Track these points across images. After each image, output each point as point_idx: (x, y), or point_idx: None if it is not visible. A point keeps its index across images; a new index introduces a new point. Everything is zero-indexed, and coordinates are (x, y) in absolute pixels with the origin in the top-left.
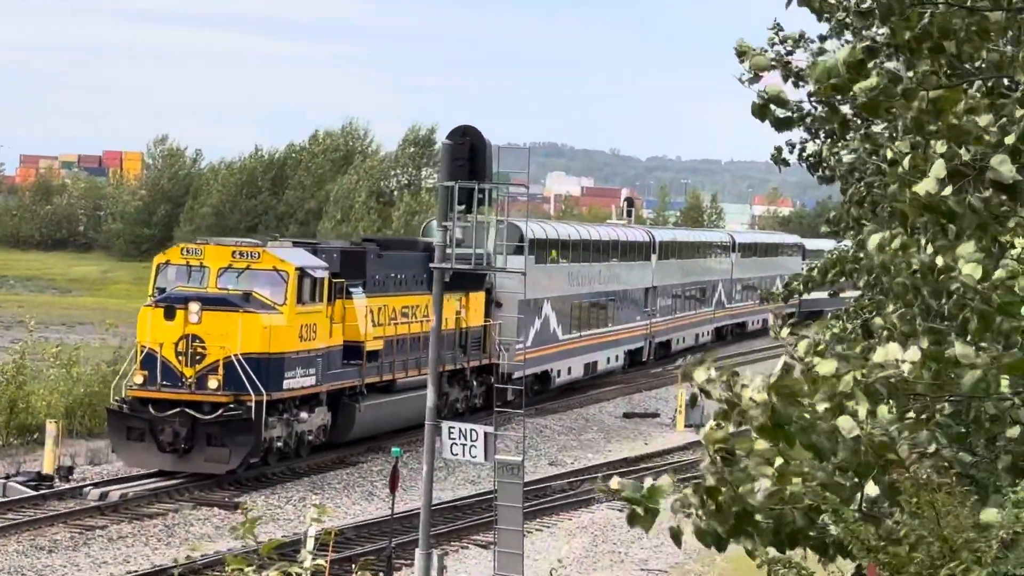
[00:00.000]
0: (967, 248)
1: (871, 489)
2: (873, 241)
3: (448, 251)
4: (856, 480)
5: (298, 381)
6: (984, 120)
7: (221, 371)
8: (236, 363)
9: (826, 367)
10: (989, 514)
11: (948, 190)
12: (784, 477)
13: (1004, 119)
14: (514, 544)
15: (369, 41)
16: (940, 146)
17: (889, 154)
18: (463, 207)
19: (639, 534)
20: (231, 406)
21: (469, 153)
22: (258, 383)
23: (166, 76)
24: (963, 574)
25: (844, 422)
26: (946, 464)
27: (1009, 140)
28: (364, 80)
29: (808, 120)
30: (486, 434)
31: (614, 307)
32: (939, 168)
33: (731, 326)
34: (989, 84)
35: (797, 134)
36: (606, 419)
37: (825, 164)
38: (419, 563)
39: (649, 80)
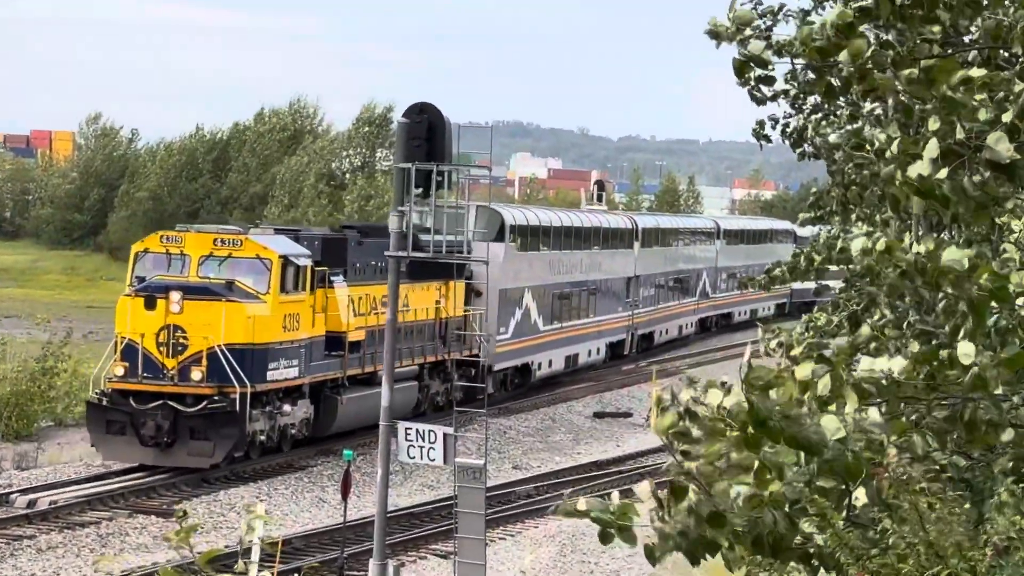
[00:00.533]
0: (952, 251)
1: (860, 495)
2: (856, 246)
3: (417, 238)
4: (844, 485)
5: (281, 373)
6: (980, 95)
7: (204, 362)
8: (220, 354)
9: (802, 371)
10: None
11: (943, 172)
12: (763, 481)
13: (1001, 93)
14: (476, 554)
15: (320, 12)
16: (933, 123)
17: (876, 143)
18: (420, 191)
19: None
20: (215, 398)
21: (427, 132)
22: (242, 375)
23: (99, 49)
24: None
25: (828, 422)
26: (937, 468)
27: (1007, 117)
28: (315, 55)
29: (791, 93)
30: (445, 435)
31: (596, 297)
32: (932, 148)
33: (716, 317)
34: (985, 55)
35: (780, 108)
36: (575, 419)
37: (809, 141)
38: (373, 574)
39: (621, 54)
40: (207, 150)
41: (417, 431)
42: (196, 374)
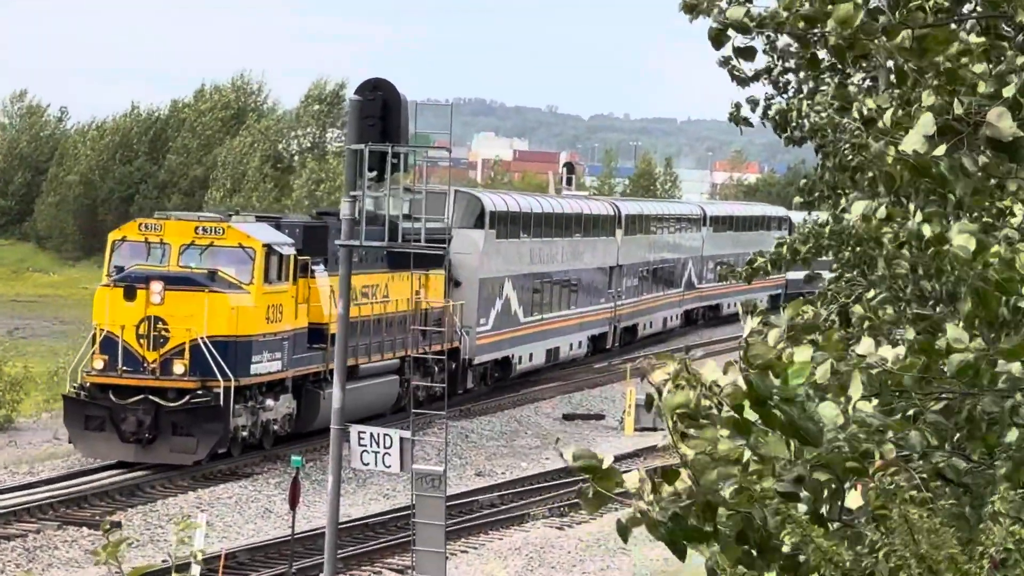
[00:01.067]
0: (961, 225)
1: (852, 500)
2: (856, 209)
3: (395, 225)
4: (835, 484)
5: (265, 366)
6: (979, 68)
7: (187, 355)
8: (203, 346)
9: (802, 354)
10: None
11: (940, 149)
12: (754, 474)
13: (1002, 66)
14: (435, 568)
15: None
16: (927, 97)
17: (865, 111)
18: (374, 174)
19: (581, 556)
20: (198, 392)
21: (381, 111)
22: (225, 368)
23: (24, 21)
24: None
25: (827, 409)
26: (932, 471)
27: (1008, 92)
28: (263, 28)
29: (774, 72)
30: (402, 440)
31: (578, 288)
32: (927, 123)
33: (702, 309)
34: (983, 25)
35: (761, 89)
36: (542, 422)
37: (794, 124)
38: None
39: (593, 26)
40: (143, 130)
41: (371, 435)
42: (179, 367)
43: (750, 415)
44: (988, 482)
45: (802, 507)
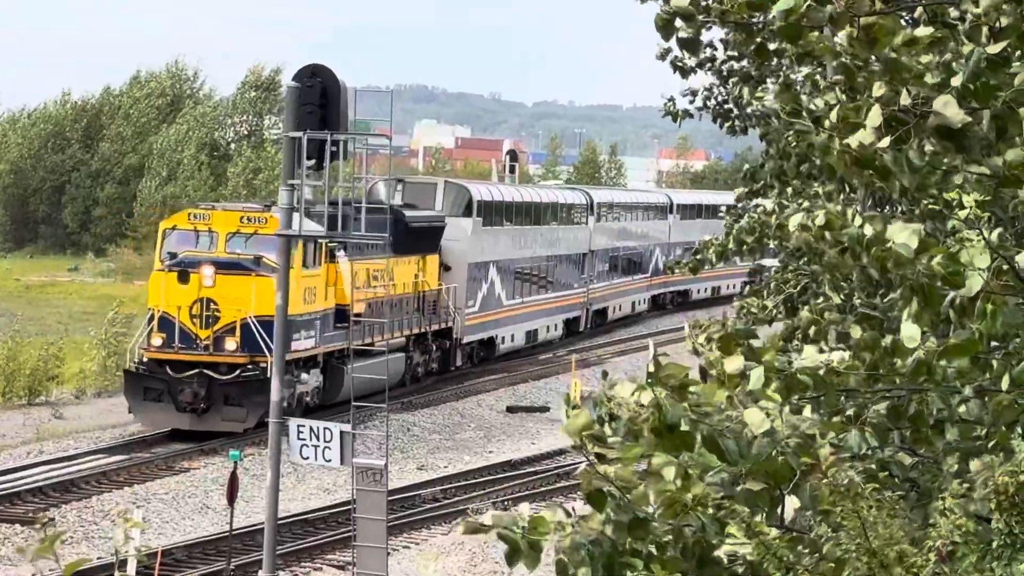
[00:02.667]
0: (898, 227)
1: (792, 500)
2: (793, 221)
3: (401, 213)
4: (772, 489)
5: (302, 343)
6: (925, 57)
7: (238, 333)
8: (251, 325)
9: (733, 364)
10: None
11: (885, 141)
12: (684, 484)
13: (949, 55)
14: (376, 564)
15: None
16: (877, 89)
17: (813, 106)
18: (313, 162)
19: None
20: (248, 367)
21: (320, 98)
22: (271, 344)
23: None
24: None
25: (753, 416)
26: (879, 468)
27: (956, 81)
28: (199, 13)
29: (717, 61)
30: (342, 433)
31: (554, 273)
32: (875, 115)
33: (671, 294)
34: (931, 13)
35: (703, 79)
36: (486, 414)
37: (736, 113)
38: None
39: (537, 12)
40: (75, 118)
41: (311, 429)
42: (230, 344)
43: (681, 429)
44: (935, 477)
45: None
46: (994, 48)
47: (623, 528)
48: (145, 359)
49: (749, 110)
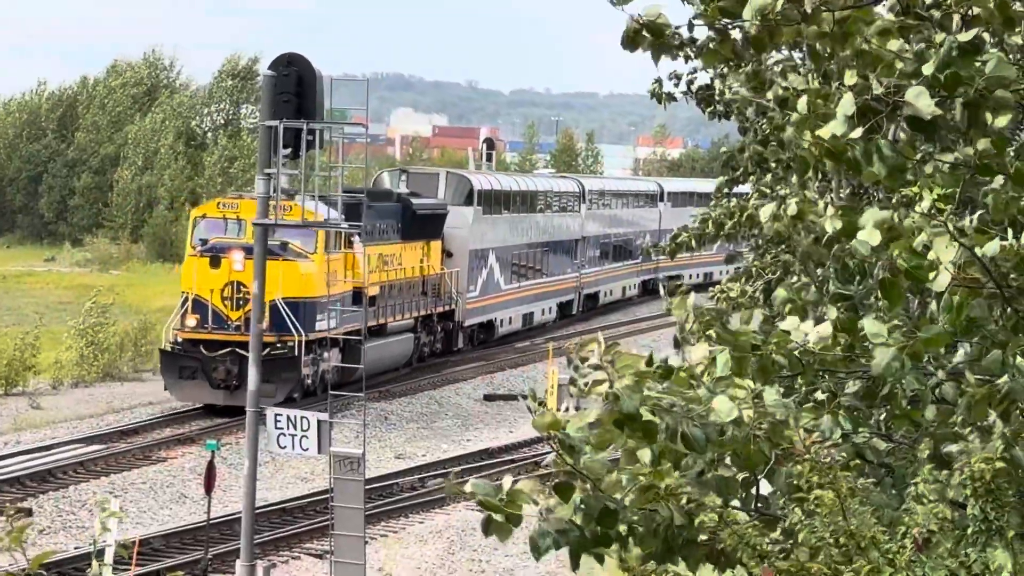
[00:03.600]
0: (871, 214)
1: (765, 486)
2: (765, 212)
3: (409, 201)
4: (745, 474)
5: (325, 323)
6: (896, 44)
7: (268, 314)
8: (279, 306)
9: (698, 352)
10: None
11: (856, 132)
12: (657, 472)
13: (922, 44)
14: (354, 553)
15: None
16: (849, 77)
17: (779, 91)
18: (289, 151)
19: None
20: (277, 346)
21: (296, 87)
22: (298, 325)
23: None
24: (873, 575)
25: (721, 403)
26: (853, 453)
27: (927, 70)
28: (174, 2)
29: (697, 46)
30: (319, 422)
31: (549, 259)
32: (847, 104)
33: (664, 279)
34: (903, 5)
35: (684, 63)
36: (463, 402)
37: (718, 99)
38: None
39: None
40: (51, 108)
41: (288, 418)
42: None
43: (644, 419)
44: (911, 461)
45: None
46: (965, 36)
47: (591, 519)
48: (179, 339)
49: (727, 97)
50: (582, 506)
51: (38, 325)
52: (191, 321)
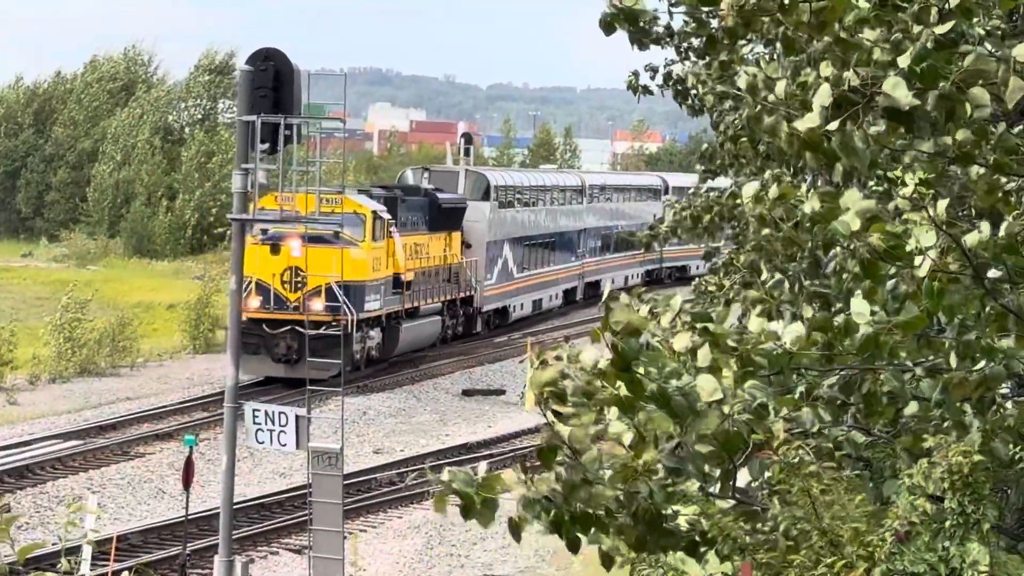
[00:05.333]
0: (852, 196)
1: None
2: (748, 191)
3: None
4: (724, 459)
5: (372, 304)
6: (873, 34)
7: (323, 295)
8: (334, 288)
9: (680, 341)
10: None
11: (833, 125)
12: (637, 451)
13: (898, 35)
14: (332, 548)
15: None
16: (825, 68)
17: (747, 79)
18: (267, 146)
19: (482, 534)
20: (331, 324)
21: (273, 81)
22: (350, 305)
23: None
24: (846, 571)
25: (705, 382)
26: (831, 445)
27: (903, 62)
28: None
29: (675, 37)
30: (297, 417)
31: (555, 249)
32: (824, 94)
33: (668, 269)
34: None
35: (661, 55)
36: (442, 397)
37: (695, 93)
38: (219, 572)
39: None
40: (27, 102)
41: (266, 413)
42: (318, 304)
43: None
44: (888, 455)
45: (695, 484)
46: (941, 28)
47: (569, 488)
48: (244, 318)
49: (700, 89)
50: (564, 476)
51: (14, 320)
52: (254, 302)
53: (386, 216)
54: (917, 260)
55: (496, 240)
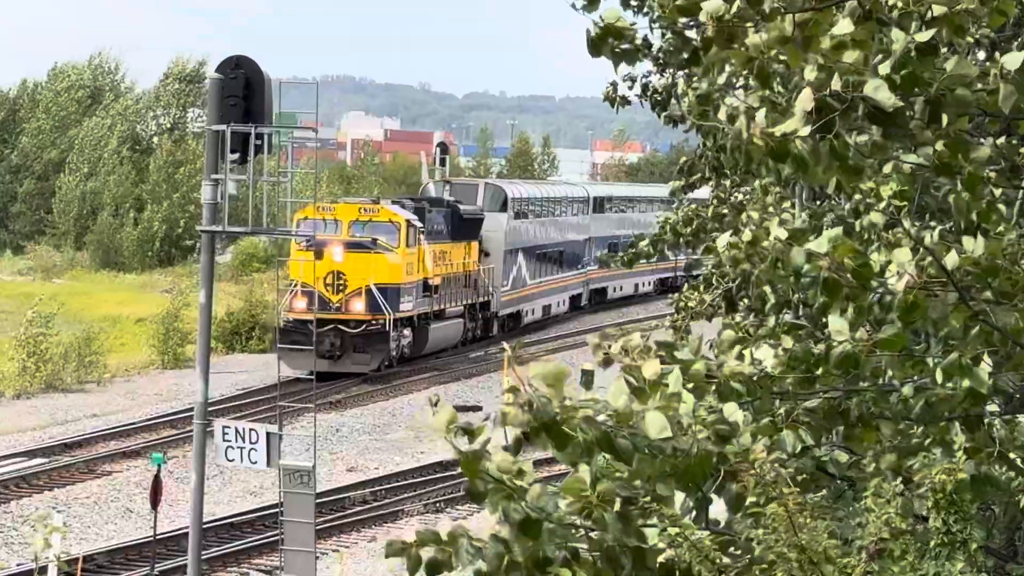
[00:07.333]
0: (829, 234)
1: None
2: (721, 241)
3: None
4: (692, 490)
5: (406, 305)
6: (852, 56)
7: (364, 297)
8: (373, 291)
9: (650, 369)
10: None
11: (805, 130)
12: (592, 483)
13: (880, 55)
14: (305, 568)
15: None
16: (810, 72)
17: (723, 112)
18: (237, 156)
19: None
20: (371, 323)
21: (243, 90)
22: (387, 306)
23: None
24: None
25: (653, 420)
26: (815, 466)
27: (883, 69)
28: (118, 2)
29: (654, 50)
30: (268, 434)
31: (563, 257)
32: (806, 98)
33: (683, 278)
34: (865, 9)
35: (640, 65)
36: (417, 414)
37: (677, 102)
38: None
39: (467, 0)
40: None
41: (236, 430)
42: (359, 305)
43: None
44: (873, 475)
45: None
46: (923, 36)
47: (515, 528)
48: (291, 319)
49: (684, 101)
50: (503, 516)
51: None
52: (300, 303)
53: (418, 224)
54: (892, 278)
55: (512, 249)
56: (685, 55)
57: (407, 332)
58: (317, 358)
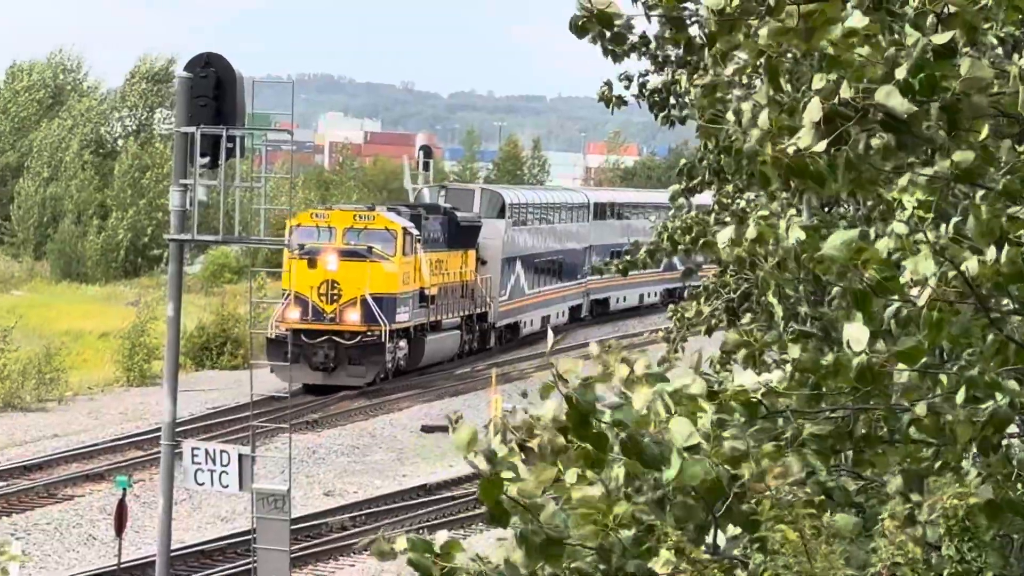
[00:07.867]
0: (839, 236)
1: (730, 528)
2: (722, 236)
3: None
4: (705, 507)
5: (403, 316)
6: (866, 50)
7: (358, 307)
8: (368, 301)
9: (640, 399)
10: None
11: (820, 146)
12: (608, 505)
13: (891, 50)
14: None
15: None
16: (818, 80)
17: (739, 113)
18: (207, 159)
19: None
20: (367, 334)
21: (214, 89)
22: (383, 317)
23: None
24: None
25: (679, 426)
26: (821, 492)
27: (900, 73)
28: None
29: (651, 46)
30: (240, 456)
31: (562, 266)
32: (814, 110)
33: (684, 286)
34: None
35: (637, 64)
36: (399, 434)
37: (673, 103)
38: None
39: None
40: None
41: (206, 452)
42: (354, 315)
43: (594, 430)
44: (881, 500)
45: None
46: (941, 38)
47: (535, 551)
48: (284, 329)
49: (688, 99)
50: (523, 539)
51: None
52: (293, 313)
53: (414, 232)
54: (915, 290)
55: (510, 257)
56: (681, 44)
57: (403, 344)
58: (311, 370)
